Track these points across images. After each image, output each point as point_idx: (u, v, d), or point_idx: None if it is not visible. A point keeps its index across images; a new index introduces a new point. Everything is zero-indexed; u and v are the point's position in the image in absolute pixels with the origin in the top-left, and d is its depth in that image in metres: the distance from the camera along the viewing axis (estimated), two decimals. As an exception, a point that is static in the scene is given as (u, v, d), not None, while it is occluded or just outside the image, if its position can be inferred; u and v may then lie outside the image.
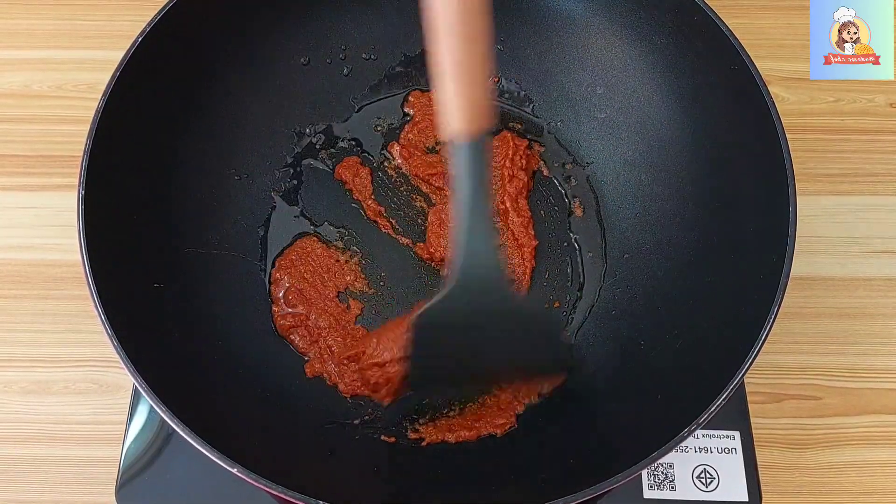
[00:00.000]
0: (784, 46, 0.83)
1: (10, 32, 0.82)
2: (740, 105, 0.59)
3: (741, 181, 0.60)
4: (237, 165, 0.69)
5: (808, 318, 0.71)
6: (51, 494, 0.64)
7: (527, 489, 0.55)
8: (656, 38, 0.66)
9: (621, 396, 0.60)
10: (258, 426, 0.58)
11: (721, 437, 0.63)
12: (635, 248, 0.67)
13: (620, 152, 0.70)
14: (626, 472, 0.48)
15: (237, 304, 0.65)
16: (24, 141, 0.77)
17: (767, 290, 0.53)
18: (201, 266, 0.64)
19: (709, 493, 0.61)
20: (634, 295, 0.66)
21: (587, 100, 0.71)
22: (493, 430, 0.61)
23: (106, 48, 0.81)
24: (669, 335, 0.61)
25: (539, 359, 0.60)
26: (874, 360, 0.69)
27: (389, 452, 0.60)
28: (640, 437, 0.54)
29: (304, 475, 0.51)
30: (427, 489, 0.57)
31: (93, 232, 0.54)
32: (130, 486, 0.60)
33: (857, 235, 0.74)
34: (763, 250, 0.55)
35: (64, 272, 0.71)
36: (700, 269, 0.62)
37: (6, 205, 0.74)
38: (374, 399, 0.60)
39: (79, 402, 0.67)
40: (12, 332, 0.69)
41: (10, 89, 0.80)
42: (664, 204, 0.67)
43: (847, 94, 0.80)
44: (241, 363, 0.61)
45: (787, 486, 0.65)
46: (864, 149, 0.78)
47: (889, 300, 0.72)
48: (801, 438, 0.67)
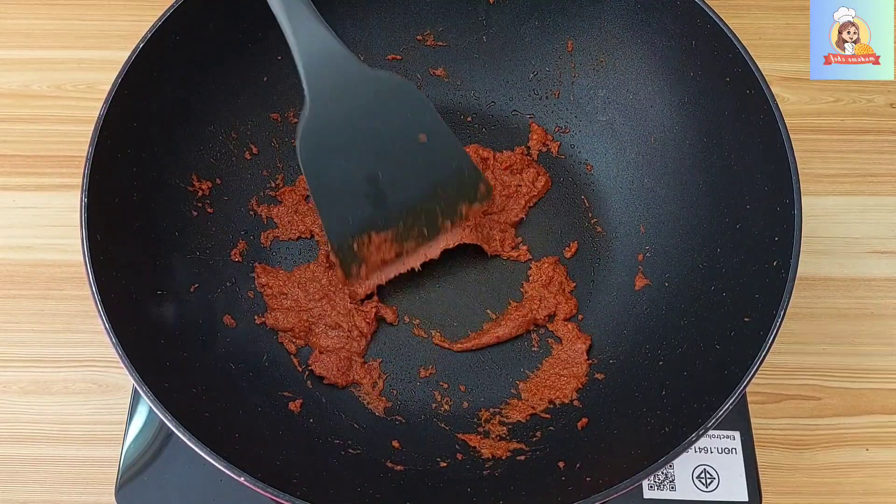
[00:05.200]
0: (784, 46, 0.83)
1: (8, 32, 0.82)
2: (744, 108, 0.59)
3: (745, 184, 0.60)
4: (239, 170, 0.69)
5: (808, 318, 0.71)
6: (51, 494, 0.64)
7: (535, 495, 0.55)
8: (658, 40, 0.65)
9: (627, 401, 0.60)
10: (260, 430, 0.58)
11: (721, 437, 0.63)
12: (638, 252, 0.67)
13: (622, 155, 0.70)
14: (634, 479, 0.48)
15: (239, 306, 0.65)
16: (24, 141, 0.77)
17: (773, 294, 0.53)
18: (202, 269, 0.64)
19: (709, 493, 0.61)
20: (638, 300, 0.66)
21: (588, 103, 0.71)
22: (498, 453, 0.61)
23: (105, 48, 0.81)
24: (674, 339, 0.61)
25: (444, 164, 0.60)
26: (874, 360, 0.70)
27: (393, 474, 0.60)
28: (646, 441, 0.54)
29: (306, 482, 0.51)
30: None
31: (95, 237, 0.54)
32: (130, 486, 0.60)
33: (857, 235, 0.74)
34: (768, 253, 0.55)
35: (64, 272, 0.71)
36: (704, 273, 0.61)
37: (6, 205, 0.74)
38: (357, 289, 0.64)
39: (78, 402, 0.67)
40: (12, 332, 0.69)
41: (9, 89, 0.80)
42: (667, 207, 0.66)
43: (847, 94, 0.80)
44: (241, 365, 0.61)
45: (787, 486, 0.65)
46: (864, 149, 0.78)
47: (889, 300, 0.72)
48: (801, 438, 0.67)
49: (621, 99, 0.70)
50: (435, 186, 0.61)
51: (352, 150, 0.57)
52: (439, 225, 0.63)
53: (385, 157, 0.58)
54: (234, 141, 0.68)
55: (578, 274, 0.68)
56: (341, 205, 0.59)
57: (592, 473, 0.53)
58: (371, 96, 0.56)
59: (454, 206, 0.63)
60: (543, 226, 0.71)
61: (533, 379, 0.65)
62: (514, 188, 0.70)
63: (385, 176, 0.59)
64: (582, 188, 0.71)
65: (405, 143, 0.59)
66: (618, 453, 0.56)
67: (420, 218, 0.62)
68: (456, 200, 0.62)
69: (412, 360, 0.66)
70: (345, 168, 0.57)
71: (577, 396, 0.63)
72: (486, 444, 0.61)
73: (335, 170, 0.57)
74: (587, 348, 0.65)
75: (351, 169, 0.58)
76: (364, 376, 0.64)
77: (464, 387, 0.64)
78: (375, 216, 0.60)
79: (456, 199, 0.62)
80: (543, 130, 0.73)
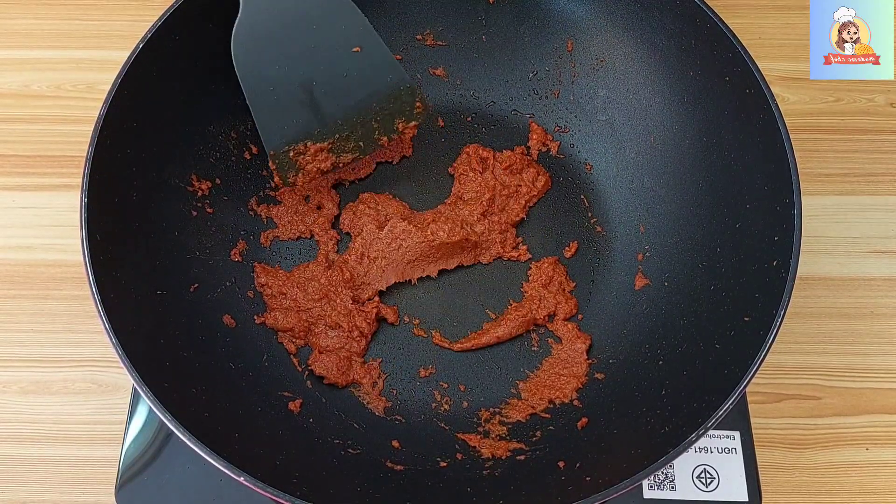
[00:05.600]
0: (784, 46, 0.83)
1: (8, 32, 0.82)
2: (744, 107, 0.59)
3: (745, 184, 0.60)
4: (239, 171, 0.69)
5: (808, 318, 0.71)
6: (51, 494, 0.64)
7: (535, 495, 0.55)
8: (658, 40, 0.65)
9: (627, 401, 0.60)
10: (260, 430, 0.58)
11: (721, 437, 0.63)
12: (638, 252, 0.67)
13: (622, 155, 0.70)
14: (634, 479, 0.48)
15: (238, 306, 0.65)
16: (24, 141, 0.77)
17: (773, 294, 0.53)
18: (202, 269, 0.64)
19: (709, 493, 0.61)
20: (638, 300, 0.66)
21: (588, 102, 0.71)
22: (498, 453, 0.61)
23: (105, 48, 0.81)
24: (674, 339, 0.61)
25: (379, 77, 0.63)
26: (874, 360, 0.70)
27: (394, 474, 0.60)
28: (646, 441, 0.54)
29: (306, 482, 0.51)
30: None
31: (95, 237, 0.54)
32: (130, 486, 0.60)
33: (857, 235, 0.74)
34: (768, 253, 0.55)
35: (64, 272, 0.71)
36: (704, 273, 0.61)
37: (5, 205, 0.74)
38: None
39: (78, 402, 0.67)
40: (12, 332, 0.69)
41: (9, 89, 0.80)
42: (667, 207, 0.66)
43: (847, 94, 0.80)
44: (241, 365, 0.61)
45: (787, 486, 0.65)
46: (864, 149, 0.78)
47: (889, 300, 0.72)
48: (801, 438, 0.67)
49: (621, 99, 0.70)
50: (370, 99, 0.64)
51: (285, 56, 0.60)
52: (376, 139, 0.66)
53: (319, 65, 0.61)
54: (234, 141, 0.68)
55: (578, 274, 0.68)
56: (277, 111, 0.62)
57: (592, 473, 0.53)
58: (305, 4, 0.59)
59: (391, 122, 0.66)
60: (543, 226, 0.71)
61: (533, 379, 0.65)
62: (514, 188, 0.70)
63: (319, 84, 0.62)
64: (582, 188, 0.71)
65: (339, 52, 0.61)
66: (618, 453, 0.56)
67: (356, 131, 0.65)
68: (392, 115, 0.65)
69: (412, 359, 0.66)
70: (278, 73, 0.60)
71: (576, 396, 0.63)
72: (485, 444, 0.61)
73: (269, 74, 0.60)
74: (587, 348, 0.65)
75: (285, 75, 0.61)
76: (364, 376, 0.64)
77: (464, 386, 0.65)
78: (311, 126, 0.63)
79: (392, 115, 0.65)
80: (543, 130, 0.73)
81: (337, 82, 0.62)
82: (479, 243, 0.68)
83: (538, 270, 0.68)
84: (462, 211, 0.69)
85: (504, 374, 0.65)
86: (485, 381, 0.65)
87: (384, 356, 0.66)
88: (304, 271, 0.67)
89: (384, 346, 0.66)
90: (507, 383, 0.65)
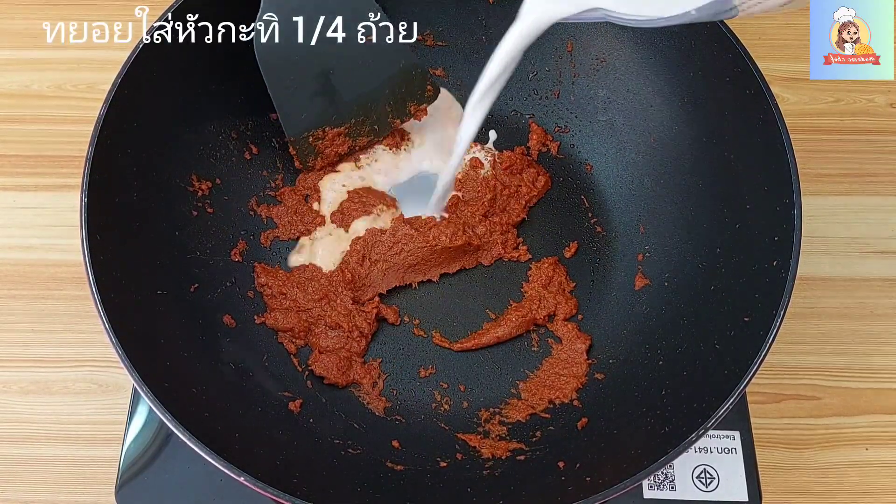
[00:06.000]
0: (784, 46, 0.83)
1: (9, 32, 0.82)
2: (744, 108, 0.59)
3: (745, 184, 0.60)
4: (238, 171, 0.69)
5: (808, 318, 0.71)
6: (51, 494, 0.64)
7: (535, 495, 0.55)
8: (658, 40, 0.65)
9: (627, 401, 0.60)
10: (260, 430, 0.58)
11: (721, 437, 0.63)
12: (638, 252, 0.67)
13: (622, 155, 0.70)
14: (634, 479, 0.48)
15: (238, 306, 0.65)
16: (24, 141, 0.77)
17: (773, 294, 0.53)
18: (202, 269, 0.64)
19: (709, 493, 0.61)
20: (638, 300, 0.66)
21: (588, 103, 0.71)
22: (497, 453, 0.61)
23: (105, 48, 0.81)
24: (674, 339, 0.61)
25: (392, 63, 0.65)
26: (874, 360, 0.70)
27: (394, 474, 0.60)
28: (646, 441, 0.54)
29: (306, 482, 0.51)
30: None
31: (95, 237, 0.54)
32: (130, 486, 0.60)
33: (857, 235, 0.74)
34: (768, 253, 0.55)
35: (64, 272, 0.71)
36: (704, 273, 0.61)
37: (6, 205, 0.74)
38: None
39: (78, 402, 0.67)
40: (12, 332, 0.69)
41: (9, 89, 0.80)
42: (667, 207, 0.66)
43: (847, 94, 0.80)
44: (241, 365, 0.61)
45: (787, 486, 0.65)
46: (864, 149, 0.78)
47: (889, 300, 0.72)
48: (801, 438, 0.67)
49: (621, 99, 0.70)
50: (383, 85, 0.67)
51: (304, 47, 0.62)
52: (390, 122, 0.69)
53: (335, 54, 0.63)
54: (234, 141, 0.68)
55: (578, 274, 0.68)
56: (296, 100, 0.65)
57: (592, 473, 0.53)
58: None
59: (403, 105, 0.69)
60: (543, 226, 0.71)
61: (533, 379, 0.65)
62: (514, 188, 0.70)
63: (336, 72, 0.64)
64: (582, 188, 0.71)
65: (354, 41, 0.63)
66: (618, 453, 0.56)
67: (371, 115, 0.68)
68: (405, 99, 0.68)
69: (412, 359, 0.66)
70: (298, 64, 0.63)
71: (576, 396, 0.63)
72: (485, 444, 0.61)
73: (289, 65, 0.63)
74: (587, 348, 0.65)
75: (304, 65, 0.63)
76: (364, 376, 0.64)
77: (464, 387, 0.65)
78: (329, 112, 0.66)
79: (404, 98, 0.68)
80: (543, 130, 0.73)
81: (353, 70, 0.65)
82: (481, 246, 0.68)
83: (538, 271, 0.68)
84: (463, 213, 0.69)
85: (504, 374, 0.65)
86: (485, 381, 0.65)
87: (384, 356, 0.66)
88: (304, 271, 0.67)
89: (384, 347, 0.66)
90: (507, 383, 0.65)
